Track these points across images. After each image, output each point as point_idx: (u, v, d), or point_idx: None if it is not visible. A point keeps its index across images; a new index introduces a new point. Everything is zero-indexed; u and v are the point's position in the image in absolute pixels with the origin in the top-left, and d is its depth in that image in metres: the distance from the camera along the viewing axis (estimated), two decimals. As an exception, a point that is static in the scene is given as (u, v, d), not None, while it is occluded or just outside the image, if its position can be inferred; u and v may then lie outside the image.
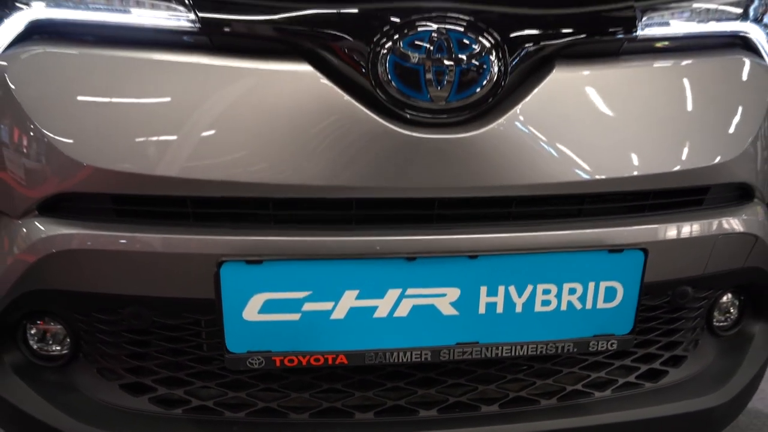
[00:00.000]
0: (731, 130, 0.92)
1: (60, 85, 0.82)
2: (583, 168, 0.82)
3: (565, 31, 0.83)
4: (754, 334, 1.10)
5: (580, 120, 0.83)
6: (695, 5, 0.99)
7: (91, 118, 0.80)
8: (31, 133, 0.81)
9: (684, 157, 0.88)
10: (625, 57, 0.90)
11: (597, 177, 0.82)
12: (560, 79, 0.82)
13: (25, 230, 0.83)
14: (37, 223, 0.83)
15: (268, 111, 0.77)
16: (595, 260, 0.81)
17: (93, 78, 0.82)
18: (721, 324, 1.09)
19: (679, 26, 0.95)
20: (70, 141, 0.79)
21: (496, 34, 0.78)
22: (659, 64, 0.91)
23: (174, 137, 0.78)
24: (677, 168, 0.87)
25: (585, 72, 0.84)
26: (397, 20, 0.76)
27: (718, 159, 0.89)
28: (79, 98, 0.81)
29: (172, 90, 0.80)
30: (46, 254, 0.82)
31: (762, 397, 1.54)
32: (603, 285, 0.82)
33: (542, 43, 0.81)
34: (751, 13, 1.04)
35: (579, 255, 0.81)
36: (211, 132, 0.78)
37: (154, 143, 0.78)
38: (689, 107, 0.91)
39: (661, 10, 0.94)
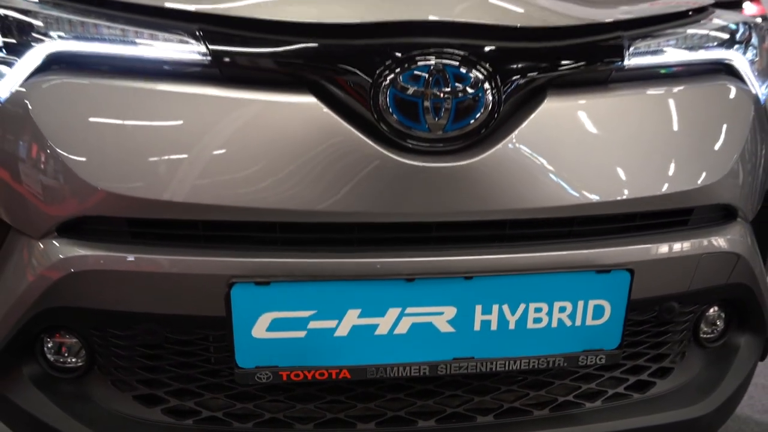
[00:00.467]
0: (715, 153, 0.96)
1: (78, 114, 0.87)
2: (574, 193, 0.86)
3: (555, 63, 0.87)
4: (739, 346, 1.15)
5: (571, 147, 0.87)
6: (681, 34, 1.03)
7: (107, 145, 0.85)
8: (52, 159, 0.85)
9: (669, 180, 0.92)
10: (614, 85, 0.94)
11: (586, 201, 0.87)
12: (551, 108, 0.86)
13: (45, 251, 0.88)
14: (56, 244, 0.87)
15: (275, 140, 0.82)
16: (584, 280, 0.85)
17: (109, 107, 0.86)
18: (708, 336, 1.14)
19: (665, 55, 1.00)
20: (88, 167, 0.84)
21: (489, 68, 0.82)
22: (646, 91, 0.96)
23: (185, 164, 0.82)
24: (663, 191, 0.91)
25: (575, 101, 0.89)
26: (397, 55, 0.81)
27: (702, 182, 0.93)
28: (96, 126, 0.86)
29: (184, 119, 0.84)
30: (65, 274, 0.86)
31: (751, 404, 1.59)
32: (591, 303, 0.86)
33: (534, 75, 0.86)
34: (735, 41, 1.09)
35: (568, 275, 0.85)
36: (221, 159, 0.82)
37: (167, 170, 0.83)
38: (675, 132, 0.95)
39: (647, 39, 0.99)
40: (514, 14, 0.91)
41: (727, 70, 1.06)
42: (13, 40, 0.96)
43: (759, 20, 1.25)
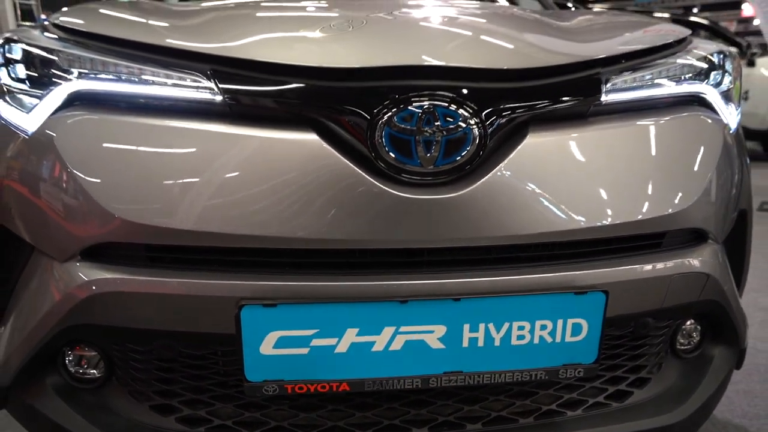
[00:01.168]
0: (686, 181, 1.02)
1: (100, 148, 0.94)
2: (554, 220, 0.92)
3: (536, 101, 0.94)
4: (713, 356, 1.21)
5: (552, 178, 0.93)
6: (656, 69, 1.10)
7: (126, 177, 0.92)
8: (76, 189, 0.92)
9: (643, 207, 0.98)
10: (593, 119, 1.01)
11: (566, 228, 0.93)
12: (534, 142, 0.93)
13: (69, 273, 0.95)
14: (80, 267, 0.94)
15: (280, 173, 0.88)
16: (563, 301, 0.93)
17: (128, 142, 0.93)
18: (685, 348, 1.20)
19: (641, 90, 1.06)
20: (109, 197, 0.91)
21: (475, 107, 0.90)
22: (622, 124, 1.02)
23: (198, 195, 0.89)
24: (637, 217, 0.97)
25: (556, 135, 0.95)
26: (392, 97, 0.88)
27: (673, 208, 0.99)
28: (116, 160, 0.93)
29: (196, 154, 0.91)
30: (89, 295, 0.93)
31: (732, 408, 1.66)
32: (570, 322, 0.94)
33: (516, 113, 0.92)
34: (708, 75, 1.16)
35: (549, 297, 0.93)
36: (230, 191, 0.89)
37: (181, 200, 0.89)
38: (649, 162, 1.01)
39: (624, 75, 1.06)
40: (498, 55, 0.98)
41: (699, 102, 1.13)
42: (40, 77, 1.05)
43: (733, 49, 1.33)
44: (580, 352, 0.96)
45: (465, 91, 0.90)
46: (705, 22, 6.99)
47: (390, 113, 0.88)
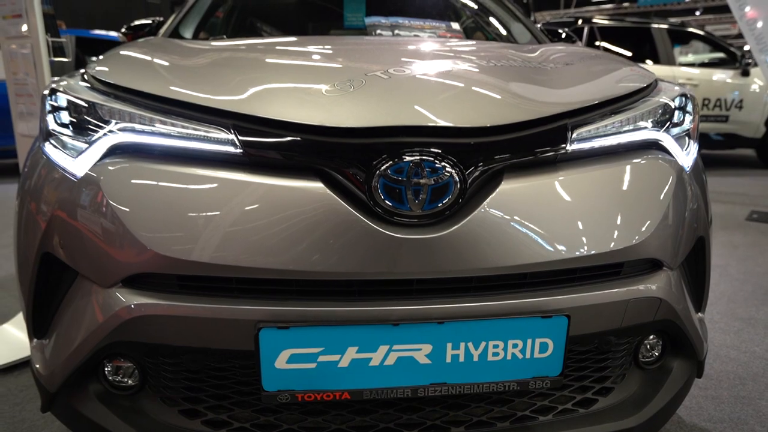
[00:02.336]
0: (642, 217, 1.17)
1: (137, 192, 1.10)
2: (526, 255, 1.07)
3: (509, 153, 1.10)
4: (672, 367, 1.37)
5: (524, 218, 1.07)
6: (619, 119, 1.26)
7: (161, 217, 1.07)
8: (119, 228, 1.08)
9: (604, 241, 1.12)
10: (561, 164, 1.16)
11: (535, 261, 1.07)
12: (507, 188, 1.08)
13: (112, 298, 1.11)
14: (121, 293, 1.10)
15: (290, 216, 1.04)
16: (532, 323, 1.09)
17: (160, 187, 1.09)
18: (647, 360, 1.36)
19: (604, 137, 1.22)
20: (147, 235, 1.06)
21: (456, 160, 1.06)
22: (587, 168, 1.16)
23: (221, 234, 1.04)
24: (599, 251, 1.11)
25: (527, 181, 1.10)
26: (386, 153, 1.05)
27: (630, 242, 1.14)
28: (152, 202, 1.08)
29: (219, 198, 1.06)
30: (128, 317, 1.09)
31: (700, 413, 1.82)
32: (538, 341, 1.10)
33: (492, 164, 1.08)
34: (663, 125, 1.32)
35: (520, 320, 1.08)
36: (249, 231, 1.04)
37: (207, 238, 1.05)
38: (610, 201, 1.16)
39: (589, 126, 1.22)
40: (476, 113, 1.13)
41: (656, 146, 1.29)
42: (83, 127, 1.22)
43: (691, 92, 1.49)
44: (547, 366, 1.12)
45: (447, 146, 1.06)
46: (701, 33, 7.12)
47: (385, 166, 1.04)
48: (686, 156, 1.33)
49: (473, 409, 1.22)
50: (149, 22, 2.57)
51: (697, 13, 23.64)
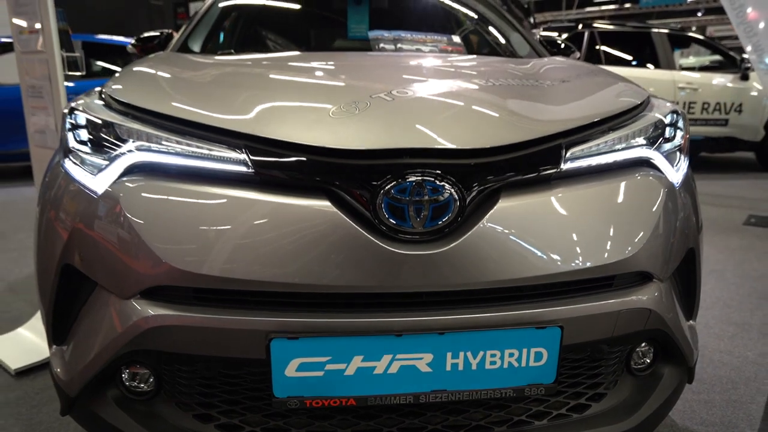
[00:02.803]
0: (633, 232, 1.23)
1: (154, 208, 1.16)
2: (522, 269, 1.13)
3: (506, 173, 1.16)
4: (663, 374, 1.43)
5: (520, 234, 1.14)
6: (610, 139, 1.32)
7: (177, 233, 1.13)
8: (138, 242, 1.14)
9: (597, 256, 1.18)
10: (555, 182, 1.22)
11: (531, 275, 1.13)
12: (504, 206, 1.15)
13: (131, 308, 1.17)
14: (141, 304, 1.16)
15: (298, 233, 1.10)
16: (527, 334, 1.15)
17: (176, 203, 1.15)
18: (639, 366, 1.42)
19: (597, 156, 1.29)
20: (164, 249, 1.12)
21: (455, 180, 1.12)
22: (580, 186, 1.22)
23: (234, 250, 1.10)
24: (591, 264, 1.17)
25: (523, 199, 1.17)
26: (389, 175, 1.11)
27: (621, 256, 1.20)
28: (168, 218, 1.14)
29: (232, 215, 1.12)
30: (146, 328, 1.15)
31: (692, 416, 1.88)
32: (533, 350, 1.16)
33: (489, 183, 1.15)
34: (655, 142, 1.38)
35: (515, 331, 1.15)
36: (260, 246, 1.10)
37: (220, 253, 1.11)
38: (602, 217, 1.22)
39: (582, 145, 1.28)
40: (475, 135, 1.20)
41: (647, 164, 1.35)
42: (102, 145, 1.28)
43: (680, 109, 1.55)
44: (542, 374, 1.19)
45: (447, 167, 1.12)
46: (701, 37, 7.18)
47: (389, 186, 1.11)
48: (676, 172, 1.39)
49: (472, 414, 1.28)
50: (158, 34, 2.64)
51: (699, 14, 23.65)
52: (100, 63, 7.17)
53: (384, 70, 1.73)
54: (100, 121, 1.32)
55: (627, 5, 25.81)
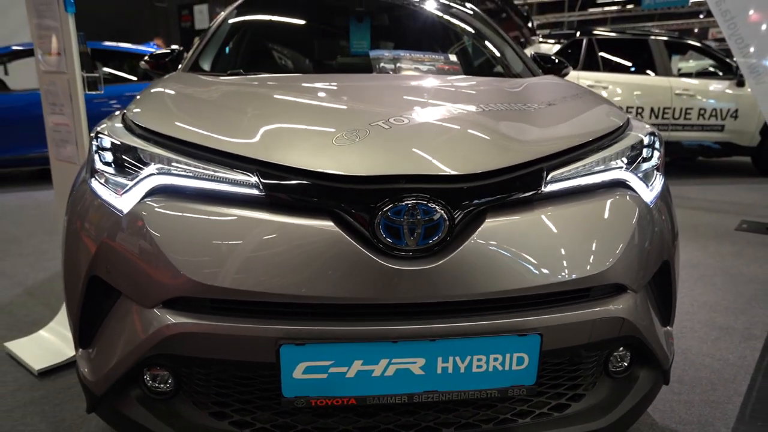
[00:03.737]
0: (608, 248, 1.36)
1: (175, 227, 1.29)
2: (505, 282, 1.25)
3: (491, 196, 1.29)
4: (639, 376, 1.56)
5: (504, 251, 1.26)
6: (589, 163, 1.46)
7: (195, 249, 1.26)
8: (160, 257, 1.27)
9: (574, 270, 1.31)
10: (537, 203, 1.35)
11: (514, 287, 1.26)
12: (490, 226, 1.28)
13: (153, 317, 1.30)
14: (162, 313, 1.29)
15: (305, 250, 1.22)
16: (510, 341, 1.28)
17: (194, 222, 1.28)
18: (616, 369, 1.55)
19: (576, 178, 1.42)
20: (184, 264, 1.26)
21: (446, 203, 1.24)
22: (560, 206, 1.35)
23: (246, 265, 1.23)
24: (570, 278, 1.30)
25: (507, 218, 1.29)
26: (386, 198, 1.24)
27: (597, 270, 1.33)
28: (187, 236, 1.27)
29: (244, 234, 1.25)
30: (168, 334, 1.28)
31: (671, 416, 2.01)
32: (515, 355, 1.29)
33: (476, 205, 1.28)
34: (632, 162, 1.51)
35: (499, 338, 1.28)
36: (270, 263, 1.23)
37: (234, 268, 1.24)
38: (580, 235, 1.35)
39: (562, 168, 1.41)
40: (463, 161, 1.32)
41: (623, 185, 1.48)
42: (125, 168, 1.42)
43: (655, 131, 1.68)
44: (523, 377, 1.32)
45: (438, 191, 1.25)
46: (698, 44, 7.29)
47: (386, 208, 1.24)
48: (650, 192, 1.52)
49: (462, 413, 1.41)
50: (169, 51, 2.78)
51: (701, 15, 23.70)
52: (106, 69, 7.33)
53: (382, 96, 1.86)
54: (123, 145, 1.46)
55: (630, 6, 25.90)
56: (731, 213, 5.24)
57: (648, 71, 6.98)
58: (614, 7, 26.66)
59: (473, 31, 3.00)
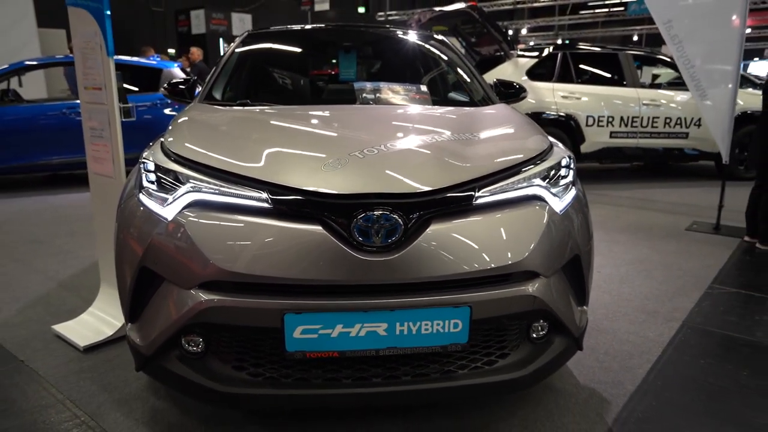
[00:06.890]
0: (524, 244, 1.87)
1: (208, 231, 1.81)
2: (445, 269, 1.76)
3: (434, 207, 1.81)
4: (554, 341, 2.09)
5: (445, 247, 1.77)
6: (512, 182, 1.98)
7: (223, 247, 1.78)
8: (197, 252, 1.79)
9: (498, 260, 1.82)
10: (470, 212, 1.86)
11: (453, 272, 1.77)
12: (434, 228, 1.79)
13: (191, 296, 1.81)
14: (198, 292, 1.81)
15: (301, 247, 1.73)
16: (448, 311, 1.79)
17: (222, 228, 1.79)
18: (536, 335, 2.07)
19: (502, 193, 1.94)
20: (215, 257, 1.77)
21: (402, 213, 1.76)
22: (488, 213, 1.87)
23: (260, 258, 1.74)
24: (495, 266, 1.81)
25: (447, 223, 1.81)
26: (360, 209, 1.75)
27: (515, 260, 1.85)
28: (215, 236, 1.78)
29: (257, 236, 1.75)
30: (202, 308, 1.80)
31: (592, 377, 2.53)
32: (452, 321, 1.80)
33: (424, 214, 1.80)
34: (546, 181, 2.03)
35: (441, 309, 1.78)
36: (275, 255, 1.74)
37: (251, 260, 1.75)
38: (503, 234, 1.87)
39: (490, 186, 1.93)
40: (415, 182, 1.84)
41: (538, 198, 2.00)
42: (167, 187, 1.93)
43: (570, 155, 2.21)
44: (459, 336, 1.83)
45: (396, 204, 1.77)
46: (666, 58, 7.83)
47: (359, 216, 1.75)
48: (560, 202, 2.05)
49: (416, 366, 1.93)
50: (183, 81, 3.29)
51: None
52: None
53: (361, 129, 2.38)
54: (163, 168, 1.97)
55: (616, 9, 26.49)
56: (686, 214, 5.76)
57: (617, 83, 7.52)
58: (603, 11, 27.25)
59: (442, 63, 3.53)
